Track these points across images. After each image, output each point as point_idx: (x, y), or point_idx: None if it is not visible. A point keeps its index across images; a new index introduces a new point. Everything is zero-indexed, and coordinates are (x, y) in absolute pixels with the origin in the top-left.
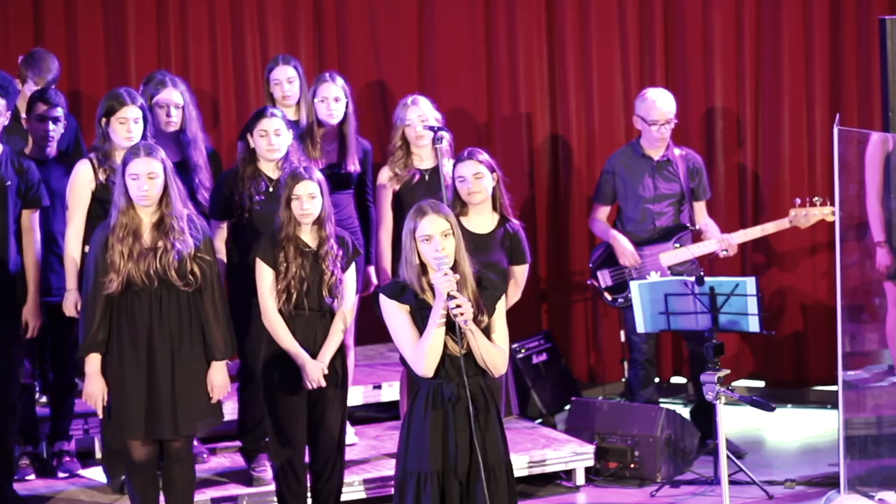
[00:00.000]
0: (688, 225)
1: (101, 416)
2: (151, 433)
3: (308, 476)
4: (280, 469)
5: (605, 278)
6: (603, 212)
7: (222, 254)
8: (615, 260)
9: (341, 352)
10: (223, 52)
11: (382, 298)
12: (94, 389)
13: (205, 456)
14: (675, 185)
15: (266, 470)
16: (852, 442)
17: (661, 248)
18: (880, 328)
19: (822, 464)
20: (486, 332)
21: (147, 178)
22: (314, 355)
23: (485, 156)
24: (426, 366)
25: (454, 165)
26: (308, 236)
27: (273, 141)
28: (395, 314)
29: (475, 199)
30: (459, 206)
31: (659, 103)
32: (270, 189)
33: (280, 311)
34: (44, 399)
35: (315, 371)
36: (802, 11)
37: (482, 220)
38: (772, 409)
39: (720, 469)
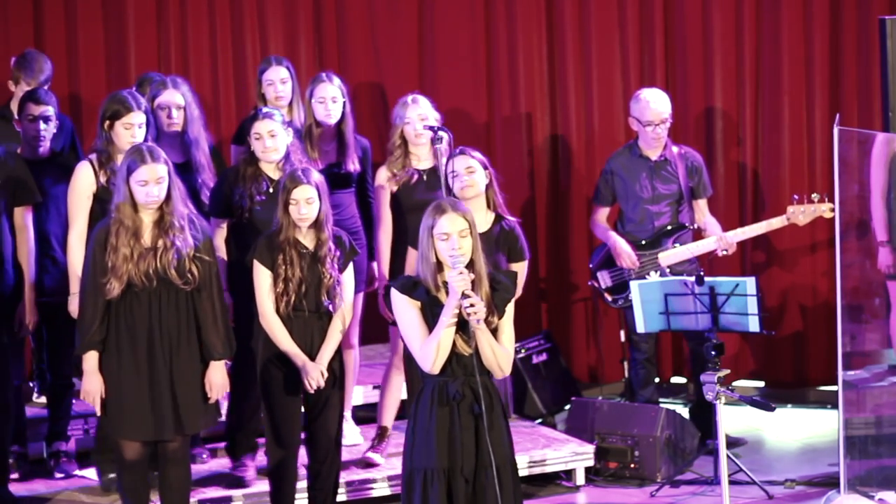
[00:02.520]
0: (687, 224)
1: (98, 413)
2: (154, 433)
3: (307, 476)
4: (275, 468)
5: (605, 279)
6: (602, 213)
7: (222, 252)
8: (615, 261)
9: (339, 352)
10: (223, 52)
11: (394, 293)
12: (92, 387)
13: (204, 457)
14: (673, 185)
15: (248, 469)
16: (852, 442)
17: (661, 248)
18: (880, 328)
19: (822, 464)
20: (494, 333)
21: (155, 182)
22: (312, 357)
23: (477, 153)
24: (434, 362)
25: (446, 163)
26: (306, 238)
27: (268, 143)
28: (405, 309)
29: (467, 194)
30: None
31: (653, 104)
32: (271, 189)
33: (278, 312)
34: (42, 399)
35: (314, 373)
36: (802, 11)
37: (477, 219)
38: (772, 409)
39: (720, 469)
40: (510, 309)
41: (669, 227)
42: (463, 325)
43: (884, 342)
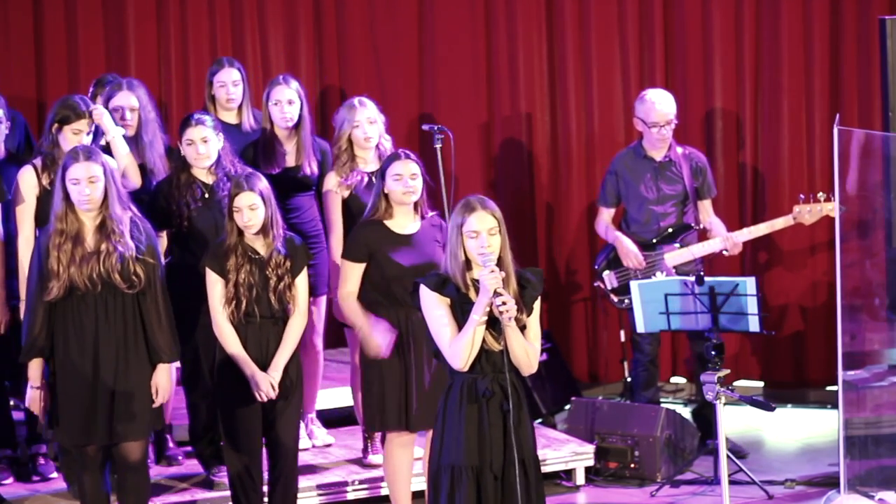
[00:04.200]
0: (692, 225)
1: (41, 421)
2: (98, 438)
3: (267, 482)
4: (236, 476)
5: (610, 280)
6: (607, 214)
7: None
8: (620, 261)
9: (295, 356)
10: (223, 52)
11: (423, 290)
12: (36, 395)
13: (180, 458)
14: (678, 185)
15: (225, 475)
16: (852, 442)
17: (666, 248)
18: (880, 328)
19: (822, 464)
20: (522, 331)
21: (88, 182)
22: (267, 362)
23: (416, 157)
24: (464, 360)
25: (386, 164)
26: (256, 243)
27: (200, 149)
28: (434, 306)
29: (408, 199)
30: (384, 206)
31: (658, 105)
32: (206, 195)
33: (231, 319)
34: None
35: (264, 384)
36: (802, 11)
37: (405, 221)
38: (772, 409)
39: (720, 469)
40: (537, 306)
41: (674, 228)
42: (493, 322)
43: (884, 342)
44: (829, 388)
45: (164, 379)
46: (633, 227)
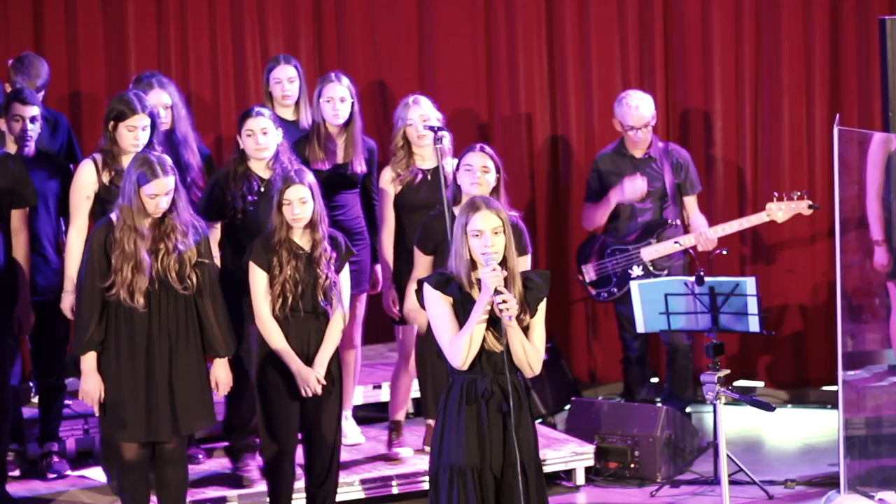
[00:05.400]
0: (669, 221)
1: (97, 414)
2: (149, 435)
3: (305, 477)
4: (271, 467)
5: (588, 273)
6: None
7: (216, 253)
8: (599, 254)
9: (337, 353)
10: (223, 52)
11: (426, 287)
12: (91, 387)
13: (200, 458)
14: (657, 182)
15: (252, 470)
16: (852, 442)
17: (643, 244)
18: (880, 328)
19: (822, 464)
20: (526, 332)
21: (165, 195)
22: (310, 358)
23: (493, 153)
24: (463, 358)
25: (462, 154)
26: (301, 239)
27: (260, 140)
28: (437, 304)
29: (475, 191)
30: (457, 196)
31: (634, 109)
32: (262, 189)
33: (275, 314)
34: (36, 399)
35: (310, 379)
36: (802, 11)
37: None
38: (772, 409)
39: (720, 469)
40: (542, 308)
41: (651, 224)
42: (494, 323)
43: (884, 342)
44: (829, 387)
45: (223, 373)
46: (614, 222)
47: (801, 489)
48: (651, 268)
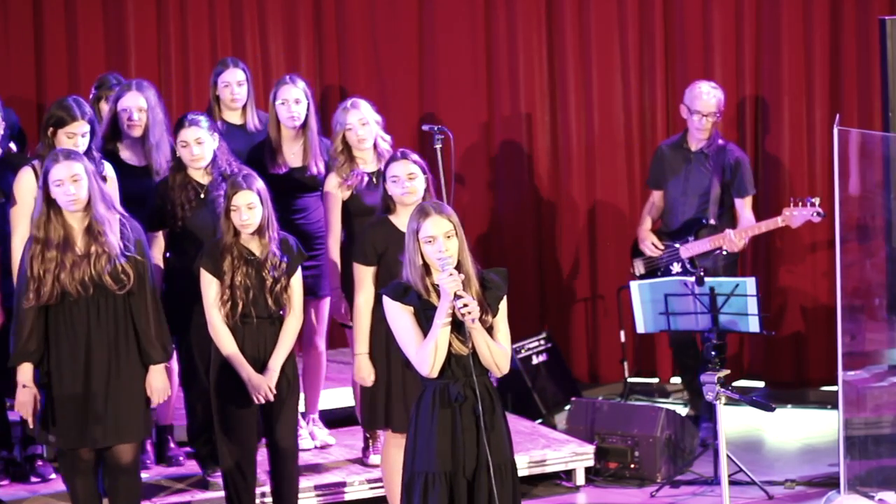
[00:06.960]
0: (711, 220)
1: (31, 425)
2: (87, 441)
3: (269, 482)
4: (229, 476)
5: (638, 267)
6: (654, 195)
7: (159, 261)
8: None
9: (291, 358)
10: (223, 52)
11: (386, 300)
12: (25, 398)
13: (181, 459)
14: (704, 179)
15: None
16: (852, 442)
17: (681, 240)
18: (880, 328)
19: (822, 464)
20: (490, 332)
21: (71, 181)
22: (265, 363)
23: (417, 157)
24: (431, 366)
25: (386, 165)
26: (251, 244)
27: (195, 151)
28: (398, 315)
29: (408, 200)
30: (391, 206)
31: (704, 94)
32: (202, 195)
33: (227, 321)
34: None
35: (261, 386)
36: (802, 11)
37: None
38: (772, 409)
39: (720, 469)
40: (503, 306)
41: (690, 221)
42: (458, 326)
43: (884, 342)
44: (829, 388)
45: (158, 380)
46: (661, 214)
47: (801, 489)
48: (690, 265)
